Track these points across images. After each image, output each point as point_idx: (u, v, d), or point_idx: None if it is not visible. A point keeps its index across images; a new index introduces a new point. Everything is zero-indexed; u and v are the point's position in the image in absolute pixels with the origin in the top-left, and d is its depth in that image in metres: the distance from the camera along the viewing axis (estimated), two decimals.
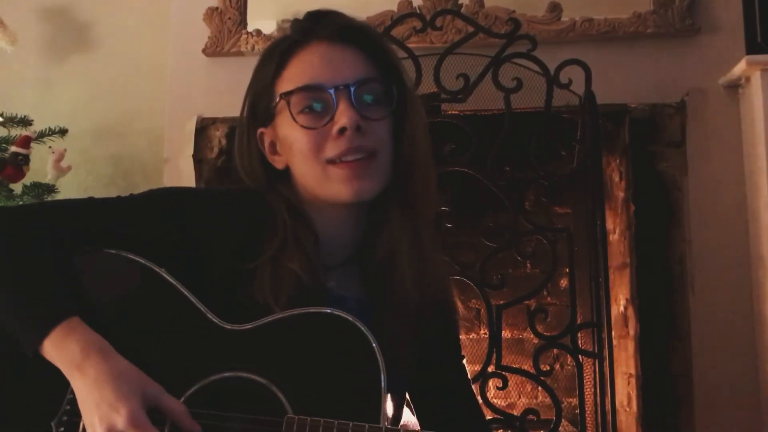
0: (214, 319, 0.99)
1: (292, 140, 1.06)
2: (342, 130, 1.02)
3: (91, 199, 1.07)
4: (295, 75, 1.06)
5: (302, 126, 1.04)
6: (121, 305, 1.02)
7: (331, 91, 1.03)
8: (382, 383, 0.94)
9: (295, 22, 1.10)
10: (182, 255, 1.03)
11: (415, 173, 1.09)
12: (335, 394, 0.95)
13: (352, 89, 1.03)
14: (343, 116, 1.02)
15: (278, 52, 1.08)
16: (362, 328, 0.96)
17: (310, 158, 1.04)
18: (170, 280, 1.01)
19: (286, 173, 1.11)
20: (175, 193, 1.09)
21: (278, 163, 1.11)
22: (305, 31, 1.08)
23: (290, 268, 1.02)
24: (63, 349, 0.93)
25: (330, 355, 0.97)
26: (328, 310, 0.98)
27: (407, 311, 1.05)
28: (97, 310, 0.99)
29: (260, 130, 1.11)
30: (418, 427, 1.14)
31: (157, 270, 1.01)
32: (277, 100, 1.06)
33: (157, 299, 1.01)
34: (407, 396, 1.16)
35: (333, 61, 1.05)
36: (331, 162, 1.04)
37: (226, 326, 0.99)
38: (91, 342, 0.93)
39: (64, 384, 0.95)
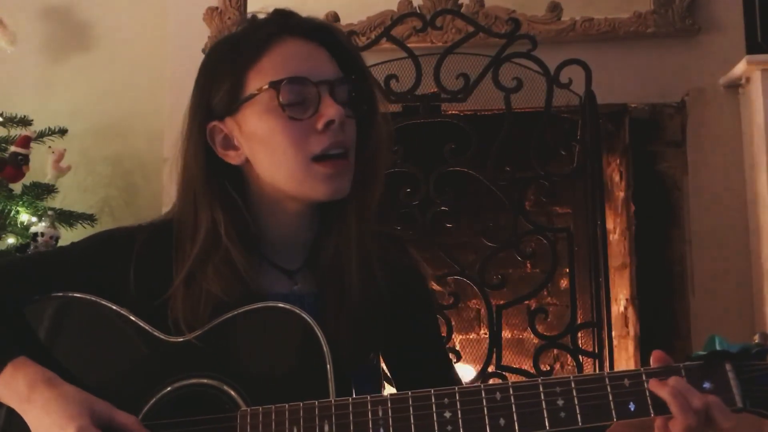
0: (160, 335, 1.02)
1: (269, 132, 1.03)
2: (329, 123, 1.01)
3: (28, 257, 1.15)
4: (275, 66, 1.03)
5: (290, 117, 1.01)
6: (73, 339, 1.06)
7: (316, 85, 1.02)
8: (327, 360, 0.96)
9: (263, 18, 1.09)
10: (116, 294, 1.07)
11: (375, 179, 1.10)
12: (286, 380, 0.98)
13: (334, 85, 1.03)
14: (330, 109, 1.01)
15: (250, 43, 1.05)
16: (301, 314, 0.98)
17: (292, 153, 1.02)
18: (114, 307, 1.04)
19: (234, 171, 1.08)
20: (83, 245, 1.12)
21: (234, 158, 1.06)
22: (279, 25, 1.06)
23: (208, 291, 1.02)
24: (12, 387, 0.97)
25: (275, 346, 1.00)
26: (268, 304, 1.01)
27: (351, 304, 1.07)
28: (53, 349, 1.04)
29: (213, 123, 1.06)
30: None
31: (102, 302, 1.05)
32: (260, 88, 1.02)
33: (104, 327, 1.05)
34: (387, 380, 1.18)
35: (312, 57, 1.05)
36: (315, 159, 1.02)
37: (171, 339, 1.02)
38: (37, 375, 0.97)
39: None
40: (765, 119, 2.45)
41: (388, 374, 1.20)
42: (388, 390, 1.17)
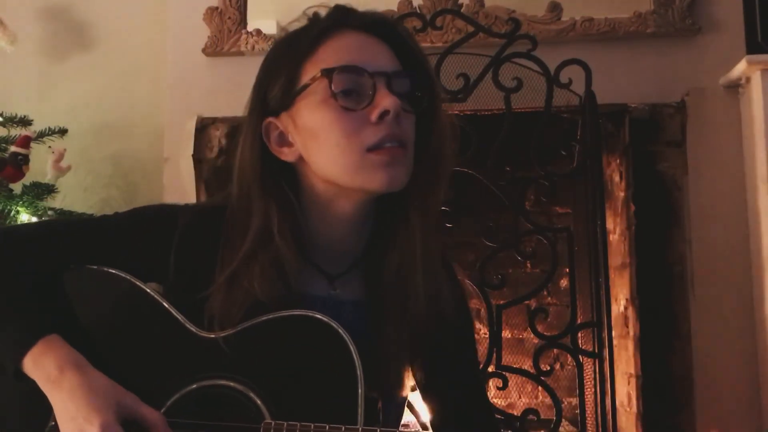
0: (192, 328, 1.00)
1: (322, 125, 0.99)
2: (384, 114, 0.97)
3: (68, 223, 1.13)
4: (331, 56, 1.00)
5: (342, 107, 0.98)
6: (104, 319, 1.04)
7: (371, 75, 0.98)
8: (359, 383, 0.94)
9: (321, 14, 1.06)
10: (153, 276, 1.06)
11: (439, 181, 1.06)
12: (313, 396, 0.96)
13: (390, 77, 1.00)
14: (386, 100, 0.97)
15: (308, 36, 1.02)
16: (339, 330, 0.96)
17: (346, 144, 0.98)
18: (149, 291, 1.03)
19: (289, 169, 1.05)
20: (135, 216, 1.10)
21: (288, 155, 1.03)
22: (337, 19, 1.03)
23: (248, 291, 0.99)
24: (40, 366, 0.95)
25: (307, 358, 0.97)
26: (307, 313, 0.98)
27: (407, 318, 1.03)
28: (83, 324, 1.02)
29: (268, 119, 1.03)
30: (418, 428, 1.14)
31: (137, 282, 1.03)
32: (313, 77, 0.99)
33: (138, 311, 1.03)
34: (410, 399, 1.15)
35: (369, 48, 1.02)
36: (370, 149, 0.98)
37: (203, 334, 0.99)
38: (67, 358, 0.95)
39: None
40: (765, 119, 2.45)
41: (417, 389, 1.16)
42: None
